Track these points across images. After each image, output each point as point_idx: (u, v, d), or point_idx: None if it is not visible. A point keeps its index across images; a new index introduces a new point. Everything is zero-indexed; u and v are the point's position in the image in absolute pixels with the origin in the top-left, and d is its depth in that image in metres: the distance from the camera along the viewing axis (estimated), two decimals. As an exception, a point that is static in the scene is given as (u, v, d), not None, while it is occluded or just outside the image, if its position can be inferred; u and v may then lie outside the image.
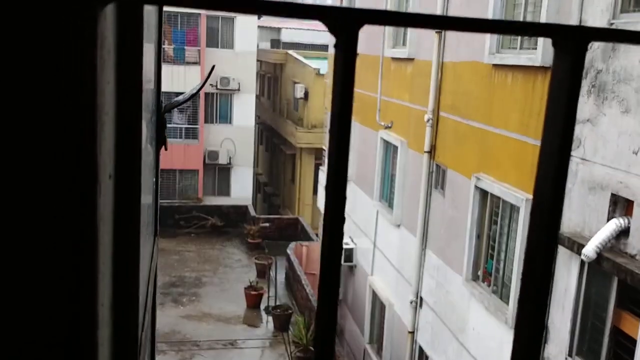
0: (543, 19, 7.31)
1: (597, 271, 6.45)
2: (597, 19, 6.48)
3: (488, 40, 8.59)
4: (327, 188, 0.41)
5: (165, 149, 1.81)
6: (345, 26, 0.37)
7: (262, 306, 17.52)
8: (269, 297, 17.33)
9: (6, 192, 0.51)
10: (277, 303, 17.08)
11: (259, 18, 27.41)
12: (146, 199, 1.68)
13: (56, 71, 0.49)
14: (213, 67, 2.97)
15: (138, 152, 0.90)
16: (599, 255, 6.08)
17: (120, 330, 0.93)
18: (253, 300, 17.48)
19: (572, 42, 0.42)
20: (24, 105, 0.49)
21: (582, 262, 6.52)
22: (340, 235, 0.41)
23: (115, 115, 0.75)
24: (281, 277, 19.17)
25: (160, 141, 1.75)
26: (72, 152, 0.51)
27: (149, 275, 1.83)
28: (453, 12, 9.93)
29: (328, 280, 0.41)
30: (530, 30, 0.45)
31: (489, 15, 8.57)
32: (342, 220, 0.41)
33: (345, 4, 15.55)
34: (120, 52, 0.74)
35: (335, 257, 0.41)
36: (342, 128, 0.40)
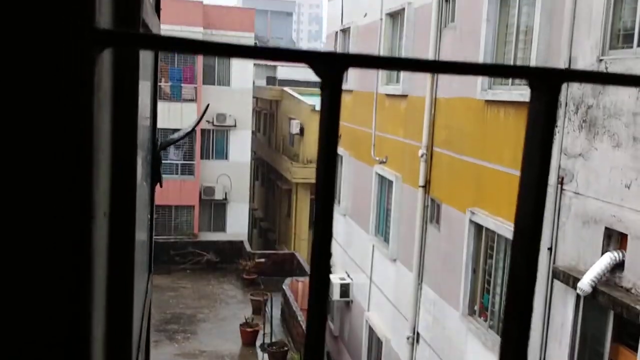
0: (533, 56, 7.45)
1: (593, 305, 6.43)
2: (586, 55, 6.62)
3: (480, 76, 8.73)
4: (316, 221, 0.42)
5: (161, 186, 1.83)
6: (330, 69, 0.40)
7: (258, 343, 17.29)
8: (264, 333, 17.12)
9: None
10: (273, 340, 16.87)
11: (255, 55, 27.75)
12: (140, 236, 1.69)
13: (54, 113, 0.50)
14: (207, 106, 2.99)
15: (133, 190, 0.90)
16: (595, 289, 6.08)
17: None
18: (248, 337, 17.26)
19: (546, 83, 0.44)
20: (22, 143, 0.50)
21: (578, 296, 6.51)
22: (328, 255, 0.42)
23: (111, 154, 0.77)
24: (277, 313, 18.96)
25: (155, 178, 1.76)
26: (68, 189, 0.52)
27: (143, 312, 1.83)
28: (445, 49, 10.12)
29: (317, 300, 0.42)
30: (506, 72, 0.48)
31: (481, 52, 8.74)
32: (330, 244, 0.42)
33: (340, 47, 15.81)
34: (117, 93, 0.76)
35: (323, 283, 0.42)
36: (328, 166, 0.41)
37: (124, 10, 0.83)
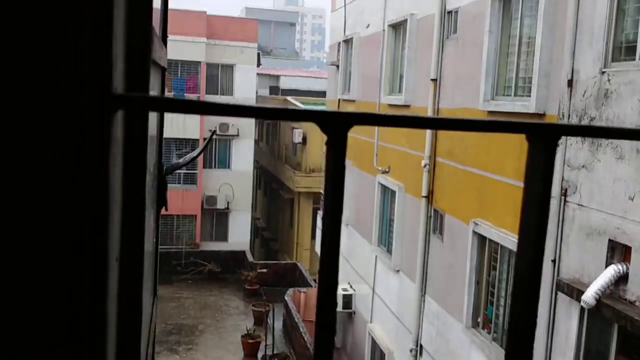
0: (536, 69, 7.46)
1: (597, 318, 6.39)
2: (588, 67, 6.62)
3: (483, 87, 8.74)
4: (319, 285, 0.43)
5: (166, 210, 1.84)
6: (335, 127, 0.41)
7: (260, 355, 17.22)
8: (266, 345, 17.06)
9: (16, 280, 0.54)
10: (275, 352, 16.80)
11: (258, 66, 27.89)
12: (147, 263, 1.73)
13: (73, 173, 0.53)
14: (213, 132, 3.03)
15: (141, 234, 0.96)
16: (599, 301, 6.04)
17: None
18: (250, 348, 17.20)
19: (544, 137, 0.45)
20: (45, 201, 0.54)
21: (582, 309, 6.47)
22: (335, 277, 0.43)
23: (122, 200, 0.81)
24: (279, 324, 18.91)
25: (161, 203, 1.77)
26: (85, 241, 0.55)
27: (148, 338, 1.83)
28: (448, 60, 10.13)
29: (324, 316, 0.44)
30: (505, 127, 0.49)
31: (483, 63, 8.75)
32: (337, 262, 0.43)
33: (342, 57, 15.85)
34: (127, 146, 0.81)
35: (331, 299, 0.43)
36: (334, 219, 0.42)
37: (136, 61, 0.88)
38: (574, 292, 6.48)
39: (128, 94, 0.60)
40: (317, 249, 16.48)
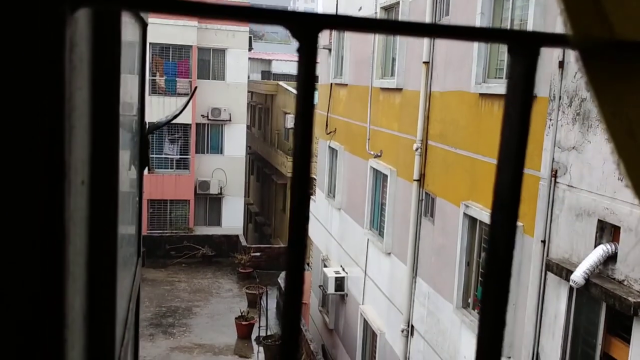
0: (530, 20, 7.43)
1: (586, 297, 6.47)
2: (579, 49, 6.63)
3: (474, 69, 8.75)
4: (292, 188, 0.43)
5: (149, 170, 1.84)
6: (306, 30, 0.40)
7: (254, 336, 17.33)
8: (260, 327, 17.17)
9: None
10: (269, 333, 16.92)
11: (249, 50, 27.72)
12: (128, 216, 1.67)
13: (20, 76, 0.49)
14: (195, 88, 3.03)
15: (115, 157, 0.88)
16: (587, 281, 6.11)
17: (95, 341, 0.89)
18: (244, 330, 17.31)
19: (525, 46, 0.44)
20: None
21: (571, 288, 6.55)
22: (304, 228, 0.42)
23: (91, 121, 0.76)
24: (272, 306, 19.00)
25: (143, 162, 1.76)
26: (38, 154, 0.51)
27: (131, 293, 1.80)
28: (440, 43, 10.12)
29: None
30: (485, 35, 0.47)
31: (475, 45, 8.75)
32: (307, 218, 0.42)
33: (335, 40, 15.78)
34: (96, 59, 0.75)
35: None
36: (305, 128, 0.41)
37: None
38: (564, 272, 6.56)
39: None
40: (310, 233, 16.41)
